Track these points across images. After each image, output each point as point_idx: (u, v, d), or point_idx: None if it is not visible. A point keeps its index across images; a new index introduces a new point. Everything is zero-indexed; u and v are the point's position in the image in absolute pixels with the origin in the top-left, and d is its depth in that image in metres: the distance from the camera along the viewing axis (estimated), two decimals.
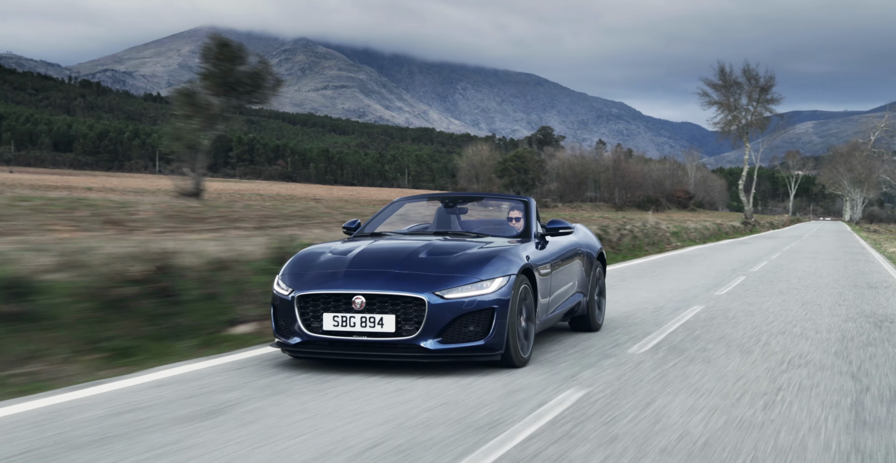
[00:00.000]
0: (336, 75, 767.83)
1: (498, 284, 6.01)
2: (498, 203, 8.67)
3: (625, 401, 5.39)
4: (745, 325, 9.27)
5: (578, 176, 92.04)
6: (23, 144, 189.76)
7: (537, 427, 4.69)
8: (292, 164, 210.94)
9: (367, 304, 5.83)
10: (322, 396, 5.36)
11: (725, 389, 5.84)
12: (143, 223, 15.14)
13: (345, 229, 7.57)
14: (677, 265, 19.05)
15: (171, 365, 6.31)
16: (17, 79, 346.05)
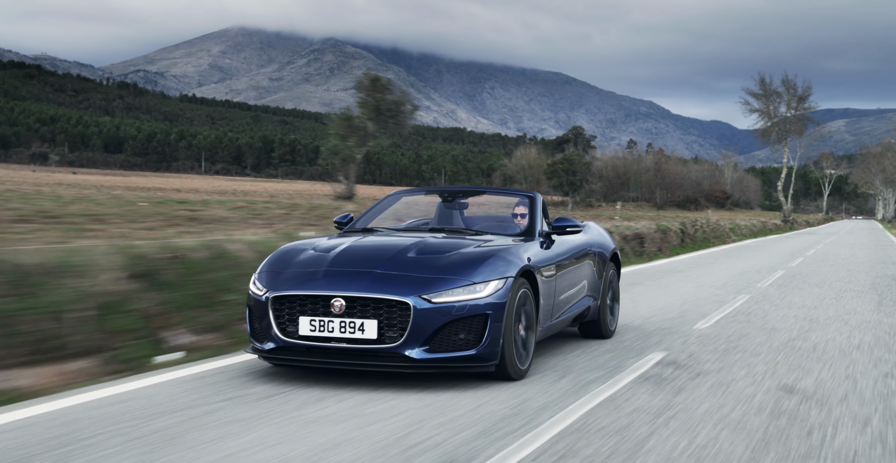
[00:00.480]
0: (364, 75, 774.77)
1: (493, 287, 5.52)
2: (502, 198, 8.24)
3: (766, 304, 11.48)
4: (813, 279, 15.35)
5: (621, 177, 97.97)
6: (75, 146, 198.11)
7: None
8: (333, 164, 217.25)
9: (348, 307, 5.38)
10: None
11: (811, 301, 11.92)
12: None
13: (336, 224, 7.17)
14: (748, 251, 25.13)
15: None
16: (56, 80, 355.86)
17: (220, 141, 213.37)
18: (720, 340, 7.87)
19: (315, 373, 5.84)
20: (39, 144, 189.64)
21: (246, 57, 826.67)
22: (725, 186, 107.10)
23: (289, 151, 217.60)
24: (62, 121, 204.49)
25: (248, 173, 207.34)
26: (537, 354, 6.79)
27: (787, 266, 18.54)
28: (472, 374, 5.76)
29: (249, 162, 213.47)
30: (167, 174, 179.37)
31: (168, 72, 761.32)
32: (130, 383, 5.48)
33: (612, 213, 56.72)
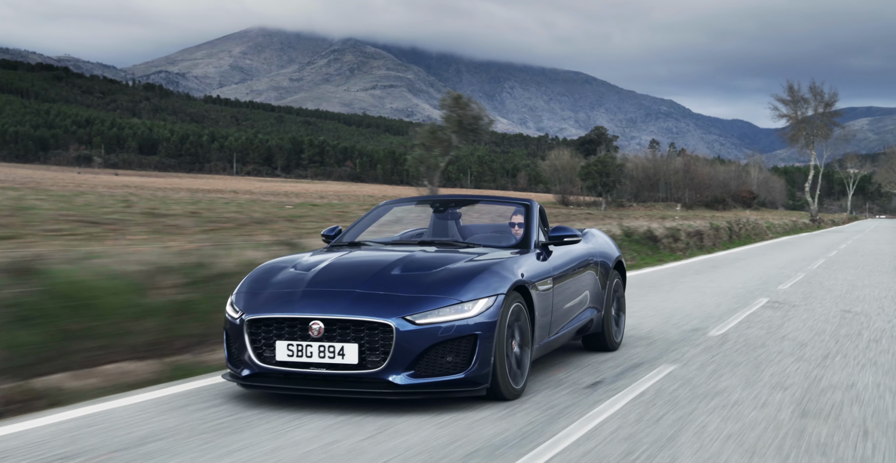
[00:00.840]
0: (384, 75, 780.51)
1: (482, 305, 5.21)
2: (497, 207, 7.87)
3: (819, 277, 16.01)
4: (849, 264, 19.82)
5: (651, 178, 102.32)
6: (111, 148, 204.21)
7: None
8: (360, 165, 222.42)
9: (327, 330, 5.06)
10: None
11: (850, 276, 16.38)
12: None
13: (323, 237, 6.93)
14: (789, 246, 29.60)
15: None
16: (84, 82, 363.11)
17: (250, 142, 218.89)
18: (798, 294, 12.47)
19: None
20: (77, 147, 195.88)
21: (266, 57, 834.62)
22: (752, 187, 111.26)
23: (318, 153, 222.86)
24: (97, 123, 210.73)
25: (279, 174, 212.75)
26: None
27: (826, 256, 23.01)
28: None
29: (279, 163, 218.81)
30: (201, 175, 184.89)
31: (189, 73, 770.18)
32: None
33: (664, 213, 61.11)
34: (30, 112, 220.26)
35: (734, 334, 8.41)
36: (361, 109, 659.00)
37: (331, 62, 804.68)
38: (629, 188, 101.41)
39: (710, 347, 7.68)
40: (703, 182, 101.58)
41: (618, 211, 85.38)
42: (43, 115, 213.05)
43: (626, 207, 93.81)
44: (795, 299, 11.64)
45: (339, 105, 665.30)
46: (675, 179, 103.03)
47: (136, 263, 7.19)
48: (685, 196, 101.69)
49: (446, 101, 44.35)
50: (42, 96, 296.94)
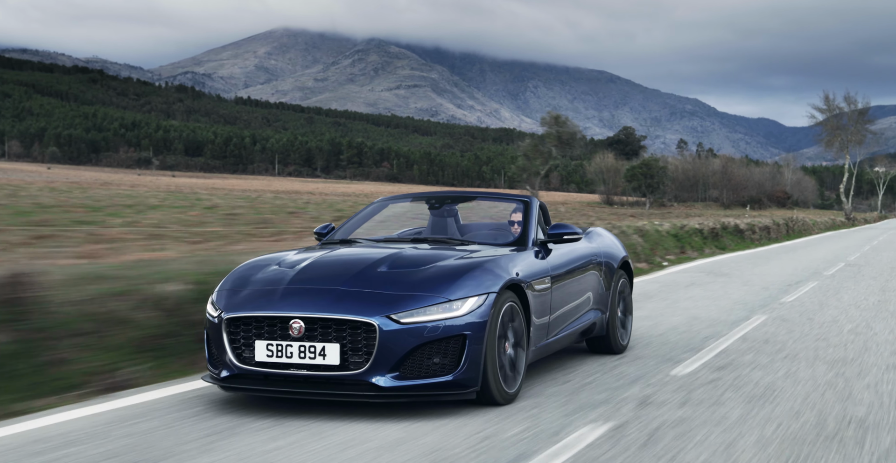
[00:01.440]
0: (408, 75, 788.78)
1: (472, 304, 5.04)
2: (496, 204, 7.73)
3: (869, 258, 23.36)
4: (889, 248, 27.05)
5: (690, 179, 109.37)
6: (158, 150, 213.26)
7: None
8: (397, 166, 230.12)
9: (307, 329, 4.91)
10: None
11: (892, 257, 23.70)
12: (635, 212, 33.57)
13: (316, 235, 6.75)
14: (836, 239, 36.84)
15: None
16: (118, 84, 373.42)
17: (291, 144, 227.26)
18: (860, 262, 19.79)
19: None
20: (126, 149, 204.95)
21: (291, 58, 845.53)
22: (786, 187, 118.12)
23: (356, 154, 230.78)
24: (143, 126, 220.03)
25: (318, 175, 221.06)
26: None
27: (870, 244, 30.25)
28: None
29: (319, 164, 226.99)
30: (245, 176, 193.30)
31: (215, 73, 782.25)
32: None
33: (732, 212, 68.25)
34: (78, 115, 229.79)
35: (839, 274, 15.85)
36: (387, 109, 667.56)
37: (355, 62, 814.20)
38: (671, 189, 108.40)
39: (832, 276, 15.22)
40: (739, 183, 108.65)
41: (661, 210, 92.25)
42: (91, 119, 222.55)
43: (668, 207, 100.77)
44: (861, 263, 18.99)
45: (364, 105, 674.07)
46: (713, 180, 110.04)
47: None
48: (723, 196, 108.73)
49: (547, 119, 52.86)
50: (80, 99, 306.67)
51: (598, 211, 68.97)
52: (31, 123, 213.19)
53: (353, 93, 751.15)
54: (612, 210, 78.49)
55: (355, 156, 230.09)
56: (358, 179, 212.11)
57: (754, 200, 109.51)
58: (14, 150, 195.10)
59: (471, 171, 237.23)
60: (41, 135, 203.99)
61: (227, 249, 12.65)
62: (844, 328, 8.80)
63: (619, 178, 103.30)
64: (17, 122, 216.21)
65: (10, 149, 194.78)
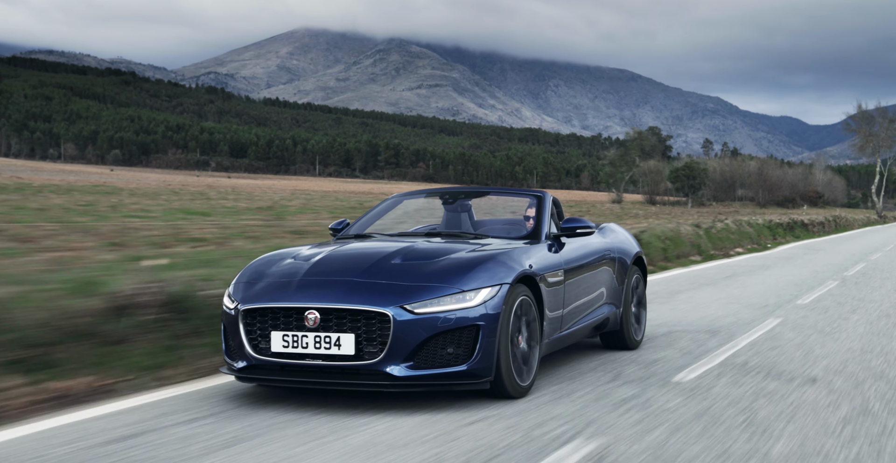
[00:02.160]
0: (430, 74, 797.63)
1: (485, 295, 5.17)
2: (512, 199, 7.97)
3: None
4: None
5: (728, 180, 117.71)
6: (204, 151, 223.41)
7: None
8: (433, 166, 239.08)
9: (322, 320, 5.05)
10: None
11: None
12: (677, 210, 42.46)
13: (331, 231, 6.95)
14: (876, 232, 45.39)
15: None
16: (151, 86, 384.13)
17: (331, 146, 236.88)
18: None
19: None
20: (175, 151, 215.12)
21: (313, 58, 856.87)
22: (817, 187, 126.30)
23: (393, 155, 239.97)
24: (188, 128, 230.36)
25: (358, 175, 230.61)
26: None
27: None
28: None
29: (358, 164, 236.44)
30: (289, 177, 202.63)
31: (238, 73, 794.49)
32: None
33: (791, 211, 76.86)
34: (124, 118, 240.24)
35: (891, 253, 24.69)
36: (408, 109, 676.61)
37: (376, 62, 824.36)
38: (710, 189, 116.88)
39: (890, 250, 23.97)
40: (774, 183, 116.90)
41: (702, 209, 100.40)
42: (137, 121, 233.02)
43: (707, 206, 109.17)
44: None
45: (386, 104, 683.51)
46: (748, 181, 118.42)
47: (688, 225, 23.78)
48: (759, 196, 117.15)
49: (631, 134, 62.04)
50: (116, 101, 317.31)
51: (657, 210, 77.33)
52: (83, 126, 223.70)
53: (374, 92, 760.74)
54: (660, 209, 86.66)
55: (392, 157, 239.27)
56: (395, 180, 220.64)
57: (788, 200, 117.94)
58: (69, 152, 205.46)
59: (504, 170, 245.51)
60: (93, 137, 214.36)
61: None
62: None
63: (662, 179, 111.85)
64: (68, 125, 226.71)
65: (66, 151, 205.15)
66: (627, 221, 33.96)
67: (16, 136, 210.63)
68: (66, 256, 10.86)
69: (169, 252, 12.03)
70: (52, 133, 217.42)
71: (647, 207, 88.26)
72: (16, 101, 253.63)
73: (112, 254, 11.67)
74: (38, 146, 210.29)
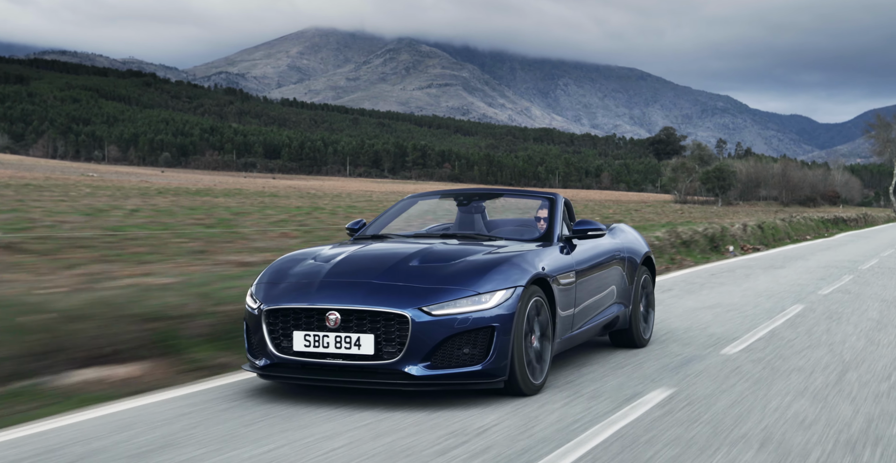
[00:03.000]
0: (439, 73, 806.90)
1: (500, 297, 5.43)
2: (523, 200, 8.24)
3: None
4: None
5: (753, 180, 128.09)
6: (240, 153, 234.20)
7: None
8: (458, 167, 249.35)
9: (343, 321, 5.31)
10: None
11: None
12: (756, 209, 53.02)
13: (348, 230, 7.23)
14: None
15: None
16: (171, 88, 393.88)
17: (360, 147, 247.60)
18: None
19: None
20: (212, 152, 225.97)
21: (323, 57, 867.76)
22: (835, 187, 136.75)
23: (420, 156, 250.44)
24: (223, 130, 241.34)
25: (387, 176, 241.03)
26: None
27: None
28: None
29: (386, 165, 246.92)
30: (322, 177, 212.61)
31: (249, 73, 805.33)
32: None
33: (826, 209, 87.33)
34: (160, 121, 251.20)
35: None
36: (418, 108, 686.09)
37: (386, 61, 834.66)
38: (738, 189, 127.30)
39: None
40: (797, 184, 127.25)
41: (730, 208, 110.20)
42: (174, 124, 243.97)
43: (735, 205, 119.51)
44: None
45: (396, 104, 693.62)
46: (772, 182, 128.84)
47: None
48: (782, 196, 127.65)
49: (692, 146, 72.67)
50: (140, 102, 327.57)
51: (693, 209, 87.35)
52: (123, 129, 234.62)
53: (385, 92, 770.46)
54: (693, 208, 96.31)
55: (419, 158, 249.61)
56: (423, 180, 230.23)
57: (809, 199, 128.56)
58: (112, 154, 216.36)
59: (527, 171, 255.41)
60: (134, 140, 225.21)
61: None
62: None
63: (693, 181, 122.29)
64: (108, 127, 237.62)
65: (109, 153, 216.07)
66: (714, 219, 44.43)
67: (62, 138, 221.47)
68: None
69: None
70: (94, 136, 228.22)
71: (684, 207, 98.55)
72: (45, 102, 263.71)
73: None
74: (83, 148, 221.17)
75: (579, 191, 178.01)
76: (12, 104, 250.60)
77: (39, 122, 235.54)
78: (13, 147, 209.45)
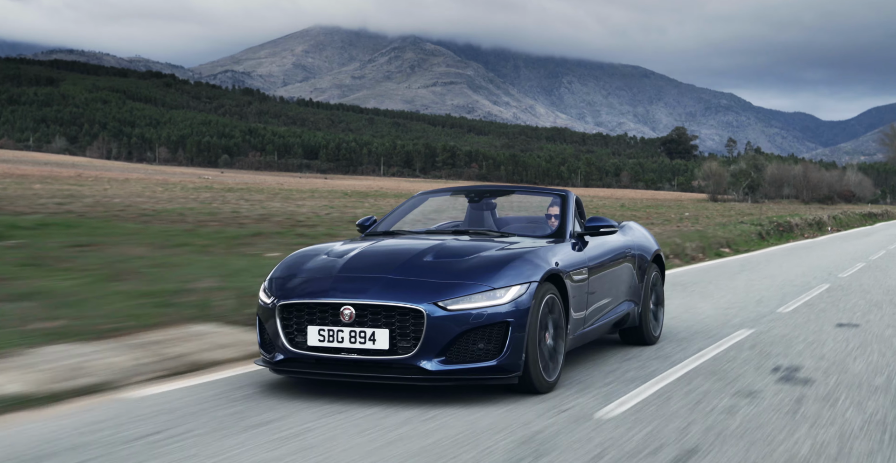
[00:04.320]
0: (444, 72, 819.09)
1: (515, 292, 5.53)
2: (534, 197, 8.28)
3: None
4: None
5: (778, 181, 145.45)
6: (280, 154, 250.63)
7: None
8: (486, 167, 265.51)
9: (358, 316, 5.40)
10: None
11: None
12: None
13: (358, 227, 7.36)
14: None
15: None
16: (191, 89, 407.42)
17: (392, 148, 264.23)
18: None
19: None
20: (255, 153, 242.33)
21: (328, 55, 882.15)
22: (850, 186, 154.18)
23: (450, 156, 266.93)
24: (262, 132, 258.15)
25: (418, 175, 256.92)
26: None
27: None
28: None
29: (418, 165, 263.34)
30: (359, 177, 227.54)
31: (254, 71, 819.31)
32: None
33: (842, 206, 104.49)
34: (201, 123, 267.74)
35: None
36: (424, 106, 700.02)
37: (391, 60, 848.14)
38: (764, 189, 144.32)
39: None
40: (816, 184, 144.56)
41: (758, 205, 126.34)
42: (214, 126, 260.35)
43: (761, 203, 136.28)
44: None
45: (401, 102, 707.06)
46: (794, 182, 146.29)
47: None
48: (802, 194, 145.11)
49: (747, 156, 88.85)
50: (165, 103, 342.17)
51: (740, 206, 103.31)
52: (169, 131, 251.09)
53: (390, 90, 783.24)
54: (737, 205, 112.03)
55: (449, 158, 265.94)
56: (453, 178, 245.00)
57: (827, 197, 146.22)
58: (162, 155, 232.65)
59: (551, 170, 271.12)
60: (182, 142, 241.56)
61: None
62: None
63: (723, 180, 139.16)
64: (154, 129, 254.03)
65: (160, 154, 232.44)
66: (781, 213, 61.32)
67: (115, 140, 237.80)
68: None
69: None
70: (144, 138, 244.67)
71: (718, 205, 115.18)
72: (86, 104, 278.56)
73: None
74: (135, 150, 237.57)
75: (603, 190, 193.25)
76: (60, 107, 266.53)
77: (90, 124, 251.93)
78: (71, 149, 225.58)
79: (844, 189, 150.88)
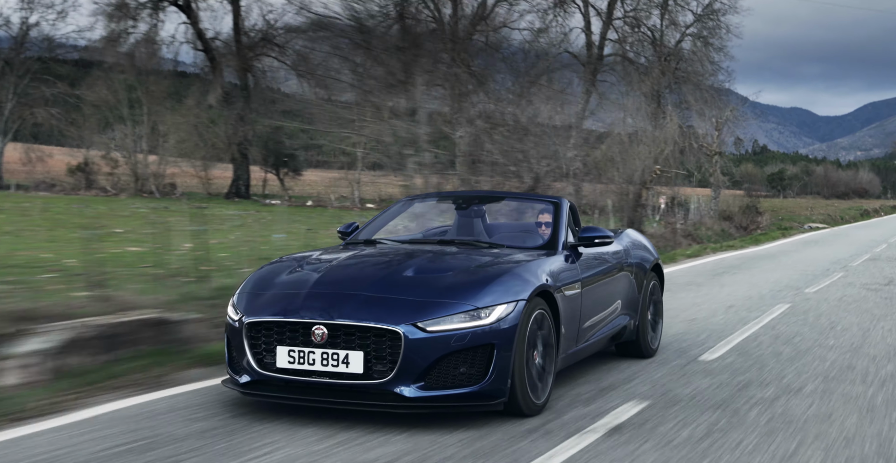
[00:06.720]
0: None
1: (500, 312, 5.28)
2: (525, 204, 7.95)
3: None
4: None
5: (801, 180, 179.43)
6: None
7: None
8: None
9: (330, 336, 5.15)
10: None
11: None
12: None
13: (340, 234, 7.08)
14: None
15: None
16: None
17: None
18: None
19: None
20: None
21: None
22: (863, 183, 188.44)
23: None
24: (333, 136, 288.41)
25: None
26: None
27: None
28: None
29: None
30: None
31: None
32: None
33: (858, 200, 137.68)
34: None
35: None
36: None
37: None
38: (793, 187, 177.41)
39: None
40: (835, 182, 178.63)
41: (794, 200, 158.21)
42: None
43: (789, 198, 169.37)
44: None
45: None
46: (815, 181, 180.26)
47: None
48: (823, 191, 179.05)
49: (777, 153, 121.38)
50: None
51: (782, 200, 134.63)
52: None
53: None
54: (777, 199, 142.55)
55: None
56: None
57: (844, 194, 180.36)
58: None
59: None
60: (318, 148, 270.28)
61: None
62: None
63: (759, 180, 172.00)
64: None
65: None
66: (821, 206, 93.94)
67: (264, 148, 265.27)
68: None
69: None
70: None
71: (781, 199, 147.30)
72: None
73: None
74: None
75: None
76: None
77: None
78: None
79: (858, 186, 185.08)
